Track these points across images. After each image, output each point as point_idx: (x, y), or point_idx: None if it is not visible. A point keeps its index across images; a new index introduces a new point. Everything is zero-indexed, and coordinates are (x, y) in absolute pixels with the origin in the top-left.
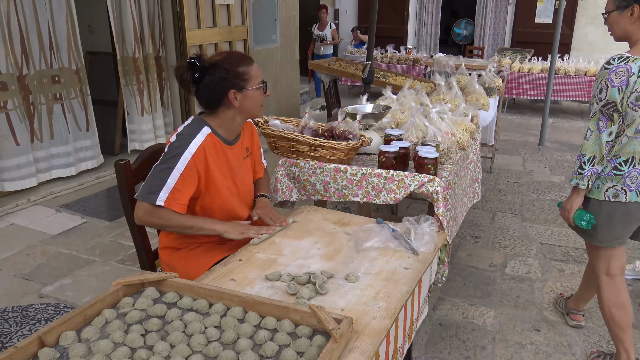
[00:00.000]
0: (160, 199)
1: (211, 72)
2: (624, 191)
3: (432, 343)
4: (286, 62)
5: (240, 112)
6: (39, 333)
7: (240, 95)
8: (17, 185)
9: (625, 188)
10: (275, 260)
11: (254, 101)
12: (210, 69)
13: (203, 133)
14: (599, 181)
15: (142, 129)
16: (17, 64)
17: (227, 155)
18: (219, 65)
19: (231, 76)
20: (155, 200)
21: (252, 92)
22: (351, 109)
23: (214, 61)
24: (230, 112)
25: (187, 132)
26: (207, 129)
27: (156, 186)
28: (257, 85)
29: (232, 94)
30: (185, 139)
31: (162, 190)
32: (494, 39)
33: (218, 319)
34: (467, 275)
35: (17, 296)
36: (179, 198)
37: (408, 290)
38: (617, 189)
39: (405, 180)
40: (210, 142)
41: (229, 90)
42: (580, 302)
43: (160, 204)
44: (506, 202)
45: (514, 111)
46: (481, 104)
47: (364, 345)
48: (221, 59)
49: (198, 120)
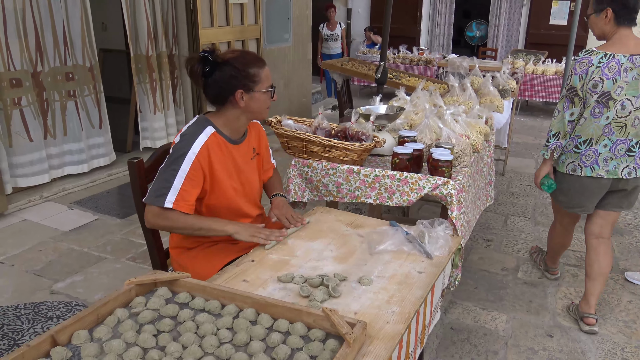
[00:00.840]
0: (168, 202)
1: (222, 69)
2: (580, 166)
3: (444, 347)
4: (298, 62)
5: (245, 112)
6: (51, 332)
7: (247, 96)
8: (29, 181)
9: (581, 164)
10: (287, 262)
11: (260, 104)
12: (221, 65)
13: (207, 132)
14: (563, 156)
15: (154, 127)
16: (32, 60)
17: (232, 154)
18: (230, 63)
19: (241, 76)
20: (163, 203)
21: (260, 94)
22: (364, 110)
23: (226, 58)
24: (236, 111)
25: (191, 132)
26: (211, 129)
27: (163, 189)
28: (265, 89)
29: (240, 94)
30: (189, 139)
31: (170, 192)
32: (508, 41)
33: (230, 321)
34: (479, 279)
35: (29, 292)
36: (187, 199)
37: (422, 295)
38: (575, 164)
39: (419, 183)
40: (215, 142)
41: (237, 89)
42: (590, 300)
43: (169, 206)
44: (519, 205)
45: (527, 113)
46: (495, 106)
47: (378, 350)
48: (234, 57)
49: (202, 120)
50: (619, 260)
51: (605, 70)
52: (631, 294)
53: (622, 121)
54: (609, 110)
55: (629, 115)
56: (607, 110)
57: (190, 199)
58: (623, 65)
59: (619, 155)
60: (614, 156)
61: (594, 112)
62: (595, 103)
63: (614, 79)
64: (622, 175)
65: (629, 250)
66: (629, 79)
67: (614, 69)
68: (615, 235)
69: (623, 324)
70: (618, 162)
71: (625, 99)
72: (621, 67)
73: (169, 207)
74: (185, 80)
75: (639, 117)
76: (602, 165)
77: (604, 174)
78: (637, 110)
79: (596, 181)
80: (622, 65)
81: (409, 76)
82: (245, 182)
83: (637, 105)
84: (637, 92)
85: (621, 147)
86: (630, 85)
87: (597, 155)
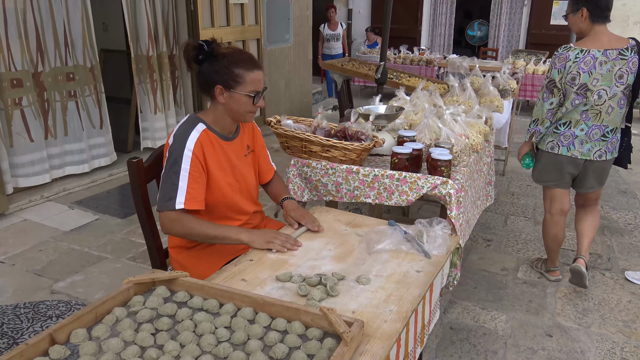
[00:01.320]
0: (178, 203)
1: (211, 61)
2: (558, 145)
3: (443, 347)
4: (299, 62)
5: (227, 111)
6: (50, 330)
7: (227, 94)
8: (30, 181)
9: (559, 144)
10: (286, 261)
11: (239, 105)
12: (212, 57)
13: (198, 129)
14: (545, 136)
15: (155, 127)
16: (33, 61)
17: (225, 150)
18: (220, 57)
19: (223, 72)
20: (174, 206)
21: (240, 96)
22: (364, 110)
23: (219, 52)
24: (220, 107)
25: (182, 131)
26: (201, 125)
27: (171, 192)
28: (247, 92)
29: (219, 89)
30: (182, 138)
31: (178, 194)
32: (509, 41)
33: (228, 320)
34: (479, 279)
35: (29, 291)
36: (196, 196)
37: (420, 294)
38: (554, 143)
39: (418, 182)
40: (207, 138)
41: (217, 84)
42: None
43: (180, 207)
44: (519, 206)
45: (528, 114)
46: (495, 106)
47: (375, 348)
48: (226, 53)
49: (193, 118)
50: (618, 260)
51: (582, 64)
52: (631, 294)
53: (598, 109)
54: (587, 99)
55: (604, 103)
56: (586, 100)
57: (199, 195)
58: (598, 59)
59: (593, 139)
60: (589, 139)
61: (574, 103)
62: (574, 95)
63: (590, 72)
64: (593, 157)
65: (629, 250)
66: (604, 71)
67: (590, 63)
68: (615, 235)
69: (622, 324)
70: (592, 145)
71: (601, 89)
72: (596, 61)
73: (181, 208)
74: (186, 81)
75: (611, 106)
76: (578, 147)
77: (578, 154)
78: (611, 99)
79: (571, 160)
80: (597, 59)
81: (409, 76)
82: (240, 178)
83: (611, 95)
84: (611, 83)
85: (596, 132)
86: (605, 77)
87: (574, 137)
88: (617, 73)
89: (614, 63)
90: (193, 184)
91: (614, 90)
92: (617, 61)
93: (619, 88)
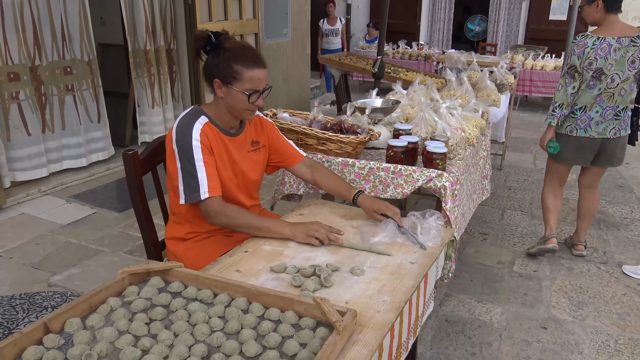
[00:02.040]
0: (203, 193)
1: (215, 53)
2: (576, 129)
3: (438, 339)
4: (297, 57)
5: (226, 105)
6: (44, 319)
7: (224, 89)
8: (28, 175)
9: (577, 127)
10: (281, 252)
11: (235, 102)
12: (217, 49)
13: (200, 122)
14: (564, 121)
15: (153, 121)
16: (30, 54)
17: (226, 145)
18: (222, 51)
19: (223, 67)
20: (200, 197)
21: (236, 92)
22: (360, 103)
23: (224, 45)
24: (221, 101)
25: (185, 123)
26: (204, 118)
27: (193, 184)
28: (243, 90)
29: (217, 83)
30: (186, 129)
31: (200, 184)
32: (507, 36)
33: (222, 309)
34: (475, 272)
35: (27, 285)
36: (216, 182)
37: (413, 285)
38: (572, 127)
39: (413, 175)
40: (209, 130)
41: (215, 77)
42: (580, 233)
43: (205, 196)
44: (516, 200)
45: (526, 109)
46: (492, 100)
47: (368, 338)
48: (229, 47)
49: (195, 110)
50: (614, 253)
51: (599, 50)
52: (626, 287)
53: (611, 91)
54: (601, 82)
55: (617, 86)
56: (599, 83)
57: (217, 181)
58: (612, 46)
59: (607, 119)
60: (604, 120)
61: (589, 85)
62: (590, 78)
63: (605, 57)
64: (609, 135)
65: (625, 244)
66: (618, 57)
67: (605, 50)
68: (612, 229)
69: (617, 316)
70: (607, 125)
71: (614, 74)
72: (611, 47)
73: (207, 197)
74: (184, 75)
75: (624, 88)
76: (594, 128)
77: (595, 134)
78: (624, 82)
79: (589, 140)
80: (612, 46)
81: (407, 71)
82: (239, 174)
83: (623, 78)
84: (624, 68)
85: (609, 113)
86: (618, 62)
87: (590, 119)
88: (630, 59)
89: (627, 49)
90: (210, 171)
91: (627, 75)
92: (629, 48)
93: (631, 72)
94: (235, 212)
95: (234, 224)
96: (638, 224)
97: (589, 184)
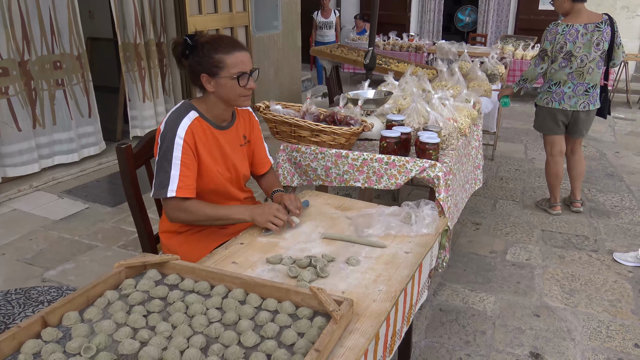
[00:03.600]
0: (170, 191)
1: (194, 53)
2: (551, 101)
3: (432, 328)
4: (288, 49)
5: (220, 98)
6: (41, 313)
7: (213, 82)
8: (19, 171)
9: (552, 100)
10: (276, 244)
11: (227, 90)
12: (195, 49)
13: (190, 117)
14: (540, 94)
15: (144, 116)
16: (18, 49)
17: (217, 139)
18: (199, 47)
19: (204, 61)
20: (166, 194)
21: (226, 80)
22: (353, 95)
23: (199, 42)
24: (211, 96)
25: (174, 118)
26: (194, 113)
27: (164, 180)
28: (231, 75)
29: (205, 78)
30: (173, 125)
31: (170, 182)
32: (497, 26)
33: (219, 301)
34: (468, 262)
35: (20, 280)
36: (188, 184)
37: (409, 274)
38: (548, 99)
39: (406, 166)
40: (199, 126)
41: (201, 74)
42: (575, 192)
43: (172, 195)
44: (508, 189)
45: (517, 99)
46: (483, 90)
47: (364, 327)
48: (204, 41)
49: (186, 105)
50: (605, 241)
51: (567, 36)
52: (617, 274)
53: (580, 70)
54: (572, 63)
55: (585, 66)
56: (570, 63)
57: (191, 183)
58: (580, 32)
59: (578, 94)
60: (575, 94)
61: (561, 65)
62: (561, 59)
63: (574, 41)
64: (580, 108)
65: (615, 232)
66: (585, 40)
67: (574, 35)
68: (602, 217)
69: (608, 303)
70: (578, 99)
71: (582, 55)
72: (578, 33)
73: (173, 196)
74: (175, 69)
75: (592, 67)
76: (567, 101)
77: (567, 107)
78: (591, 62)
79: (562, 112)
80: (579, 31)
81: (398, 62)
82: (232, 167)
83: (590, 59)
84: (590, 50)
85: (580, 89)
86: (585, 45)
87: (563, 94)
88: (595, 42)
89: (592, 34)
90: (185, 172)
91: (593, 56)
92: (594, 32)
93: (596, 53)
94: (193, 206)
95: (195, 219)
96: (628, 212)
97: (571, 150)
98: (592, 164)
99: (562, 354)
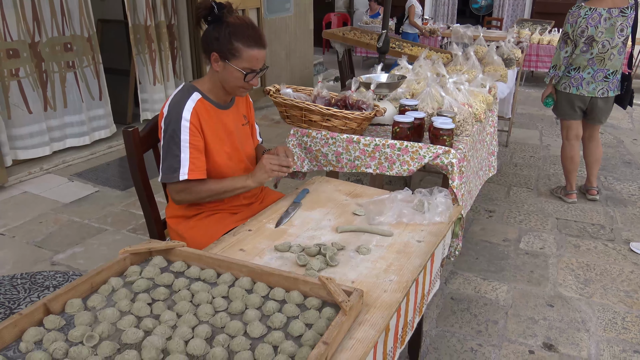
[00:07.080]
0: (182, 174)
1: (216, 25)
2: (569, 86)
3: (444, 317)
4: (300, 32)
5: (221, 80)
6: (44, 300)
7: (221, 63)
8: (29, 153)
9: (570, 85)
10: (285, 231)
11: (230, 78)
12: (220, 22)
13: (193, 99)
14: (561, 79)
15: (154, 99)
16: (29, 30)
17: (222, 119)
18: (224, 25)
19: (223, 42)
20: (179, 177)
21: (233, 69)
22: (365, 78)
23: (226, 19)
24: (216, 75)
25: (177, 100)
26: (197, 95)
27: (174, 164)
28: (240, 68)
29: (215, 56)
30: (177, 108)
31: (181, 165)
32: (514, 10)
33: (226, 289)
34: (481, 250)
35: (29, 263)
36: (199, 165)
37: (421, 264)
38: (566, 84)
39: (419, 152)
40: (202, 107)
41: (214, 51)
42: (591, 179)
43: (184, 178)
44: (522, 177)
45: (532, 84)
46: (499, 75)
47: (375, 318)
48: (232, 22)
49: (188, 87)
50: (621, 230)
51: (590, 20)
52: (633, 264)
53: (602, 56)
54: (593, 48)
55: (607, 52)
56: (591, 49)
57: (201, 165)
58: (603, 16)
59: (597, 80)
60: (594, 80)
61: (582, 50)
62: (583, 44)
63: (596, 26)
64: (598, 94)
65: (632, 221)
66: (608, 25)
67: (596, 19)
68: (619, 206)
69: (624, 294)
70: (596, 85)
71: (604, 40)
72: (601, 17)
73: (185, 179)
74: (185, 51)
75: (613, 53)
76: (585, 87)
77: (585, 93)
78: (613, 48)
79: (580, 97)
80: (602, 16)
81: (412, 46)
82: (239, 146)
83: (613, 45)
84: (613, 35)
85: (599, 75)
86: (608, 30)
87: (582, 79)
88: (619, 27)
89: (616, 19)
90: (195, 154)
91: (616, 42)
92: (619, 18)
93: (620, 39)
94: (196, 186)
95: (199, 197)
96: None
97: (588, 136)
98: (609, 151)
99: (576, 345)
